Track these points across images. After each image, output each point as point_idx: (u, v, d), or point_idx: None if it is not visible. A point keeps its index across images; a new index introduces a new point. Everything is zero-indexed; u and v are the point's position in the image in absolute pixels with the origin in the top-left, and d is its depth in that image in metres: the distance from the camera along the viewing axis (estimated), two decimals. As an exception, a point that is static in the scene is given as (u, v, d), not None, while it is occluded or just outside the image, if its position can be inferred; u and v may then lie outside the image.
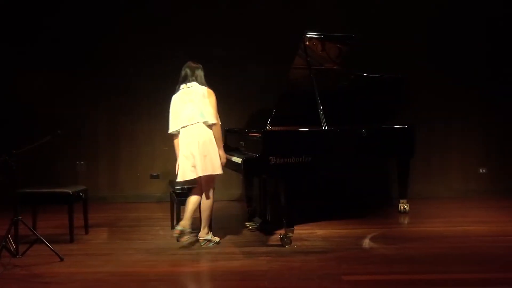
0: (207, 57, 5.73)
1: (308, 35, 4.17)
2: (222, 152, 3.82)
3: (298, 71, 4.38)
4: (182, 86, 3.82)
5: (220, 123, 3.85)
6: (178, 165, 3.83)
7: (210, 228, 3.93)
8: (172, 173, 4.50)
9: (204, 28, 5.77)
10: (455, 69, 5.81)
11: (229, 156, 4.16)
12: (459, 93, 5.87)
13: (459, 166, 5.96)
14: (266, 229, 4.25)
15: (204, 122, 3.74)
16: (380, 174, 5.83)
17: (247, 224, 4.45)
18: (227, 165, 4.27)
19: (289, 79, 4.43)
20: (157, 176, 5.87)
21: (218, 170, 3.77)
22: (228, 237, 4.13)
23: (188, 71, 3.83)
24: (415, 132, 4.75)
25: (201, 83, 3.83)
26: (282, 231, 3.85)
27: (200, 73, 3.83)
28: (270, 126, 4.02)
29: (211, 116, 3.74)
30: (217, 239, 3.93)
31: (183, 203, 3.95)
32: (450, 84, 5.82)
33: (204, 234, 3.86)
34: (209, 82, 5.74)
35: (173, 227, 4.29)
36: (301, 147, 3.81)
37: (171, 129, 3.83)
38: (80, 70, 5.78)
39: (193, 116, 3.73)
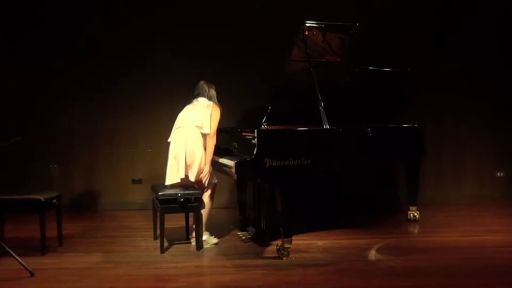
0: (196, 49, 5.76)
1: (307, 24, 4.17)
2: (207, 168, 4.01)
3: (296, 64, 4.38)
4: (193, 101, 4.22)
5: (215, 143, 4.08)
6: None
7: (206, 229, 4.06)
8: (156, 177, 4.48)
9: (193, 19, 5.75)
10: (468, 62, 5.83)
11: (218, 159, 4.20)
12: (472, 88, 5.89)
13: (474, 169, 5.98)
14: (261, 240, 4.25)
15: (198, 127, 3.99)
16: (387, 178, 5.84)
17: (240, 233, 4.44)
18: (217, 168, 4.27)
19: (286, 73, 4.43)
20: (139, 181, 5.85)
21: (192, 177, 3.97)
22: (218, 248, 4.12)
23: (201, 89, 4.22)
24: (426, 131, 4.77)
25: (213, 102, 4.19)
26: (279, 242, 3.85)
27: (213, 92, 4.23)
28: (265, 125, 4.02)
29: (207, 125, 4.01)
30: (215, 240, 4.07)
31: (166, 210, 3.95)
32: (462, 78, 5.85)
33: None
34: (199, 76, 5.77)
35: (156, 238, 4.29)
36: (300, 148, 3.81)
37: (169, 139, 4.17)
38: (54, 66, 5.73)
39: (189, 119, 4.06)
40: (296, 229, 4.17)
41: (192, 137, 4.00)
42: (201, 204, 4.07)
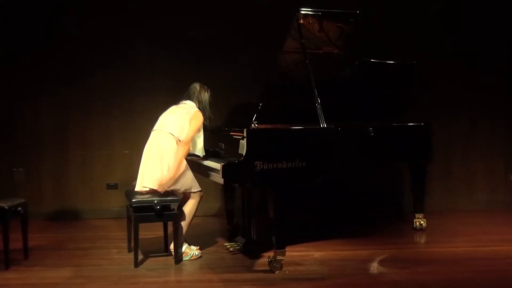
0: (179, 42, 5.74)
1: (302, 12, 4.18)
2: (170, 174, 3.96)
3: (290, 56, 4.39)
4: (180, 102, 4.27)
5: (190, 149, 4.14)
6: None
7: (185, 240, 4.08)
8: (131, 182, 4.46)
9: (176, 10, 5.72)
10: (479, 55, 5.86)
11: (202, 162, 4.21)
12: (485, 84, 5.93)
13: (486, 172, 6.02)
14: (251, 251, 4.25)
15: (171, 133, 4.04)
16: (390, 183, 5.86)
17: (227, 244, 4.43)
18: (202, 172, 4.26)
19: (279, 66, 4.43)
20: (115, 186, 5.81)
21: (152, 184, 3.99)
22: (203, 261, 4.11)
23: (192, 91, 4.29)
24: (433, 131, 4.79)
25: (202, 108, 4.23)
26: (271, 253, 3.85)
27: (205, 96, 4.28)
28: (256, 123, 4.02)
29: (183, 131, 4.04)
30: (196, 251, 4.11)
31: (141, 219, 3.93)
32: (473, 73, 5.88)
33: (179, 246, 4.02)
34: (182, 69, 5.74)
35: (130, 250, 4.27)
36: (294, 150, 3.81)
37: None
38: (20, 57, 5.67)
39: (165, 123, 4.13)
40: (290, 239, 4.16)
41: (163, 144, 4.04)
42: (182, 215, 4.08)
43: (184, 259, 4.08)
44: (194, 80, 5.64)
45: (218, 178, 3.77)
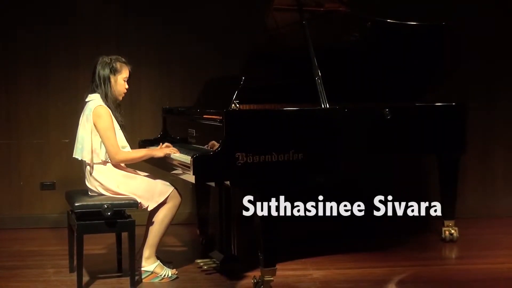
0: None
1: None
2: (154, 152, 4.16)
3: (281, 15, 4.40)
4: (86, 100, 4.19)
5: (125, 152, 4.09)
6: None
7: (156, 255, 4.10)
8: (75, 181, 4.45)
9: None
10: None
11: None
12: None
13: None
14: (231, 270, 4.27)
15: (88, 163, 4.08)
16: (412, 180, 5.91)
17: (200, 261, 4.45)
18: (165, 167, 4.28)
19: (267, 28, 4.44)
20: (51, 186, 5.80)
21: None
22: (169, 283, 4.11)
23: (93, 73, 4.13)
24: (468, 113, 4.85)
25: (103, 93, 4.08)
26: (257, 273, 3.88)
27: (102, 75, 4.08)
28: (237, 103, 4.04)
29: (98, 151, 4.05)
30: (170, 272, 4.09)
31: (86, 229, 3.91)
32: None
33: (148, 263, 4.02)
34: (138, 31, 5.73)
35: (72, 269, 4.26)
36: (288, 138, 3.85)
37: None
38: None
39: (75, 149, 4.15)
40: (282, 254, 4.21)
41: (91, 181, 4.09)
42: (152, 222, 4.11)
43: (153, 280, 4.06)
44: (152, 44, 5.67)
45: (188, 175, 3.79)
